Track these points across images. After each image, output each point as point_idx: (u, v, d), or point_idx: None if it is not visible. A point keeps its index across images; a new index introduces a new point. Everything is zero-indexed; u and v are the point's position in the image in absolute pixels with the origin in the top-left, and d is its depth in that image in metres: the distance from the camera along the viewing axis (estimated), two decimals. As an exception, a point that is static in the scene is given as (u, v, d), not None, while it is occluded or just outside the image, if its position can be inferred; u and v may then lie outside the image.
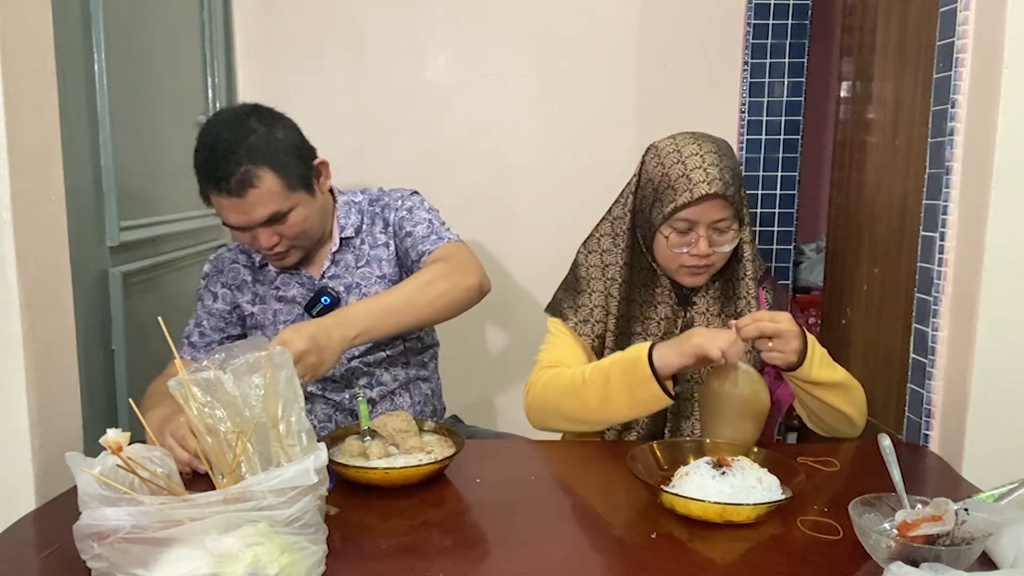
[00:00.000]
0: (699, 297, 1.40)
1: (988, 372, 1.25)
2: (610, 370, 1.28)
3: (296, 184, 1.39)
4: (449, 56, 2.32)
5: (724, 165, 1.29)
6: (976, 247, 1.24)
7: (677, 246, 1.32)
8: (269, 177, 1.34)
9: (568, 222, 2.31)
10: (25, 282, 1.10)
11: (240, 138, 1.34)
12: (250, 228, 1.38)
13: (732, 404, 1.23)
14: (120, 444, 0.86)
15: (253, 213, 1.36)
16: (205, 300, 1.55)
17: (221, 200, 1.36)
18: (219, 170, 1.33)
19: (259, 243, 1.40)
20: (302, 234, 1.43)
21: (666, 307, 1.40)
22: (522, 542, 0.99)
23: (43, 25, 1.15)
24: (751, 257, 1.38)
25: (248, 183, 1.33)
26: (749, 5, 2.27)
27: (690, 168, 1.29)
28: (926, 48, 1.48)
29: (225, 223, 1.40)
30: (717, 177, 1.27)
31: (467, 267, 1.39)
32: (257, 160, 1.34)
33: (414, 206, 1.52)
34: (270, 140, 1.36)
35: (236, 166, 1.32)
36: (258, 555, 0.80)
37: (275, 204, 1.36)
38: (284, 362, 1.00)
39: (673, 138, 1.36)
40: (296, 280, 1.52)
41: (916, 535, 0.87)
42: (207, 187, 1.37)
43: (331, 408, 1.54)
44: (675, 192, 1.29)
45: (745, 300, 1.37)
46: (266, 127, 1.37)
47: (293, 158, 1.39)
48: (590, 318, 1.42)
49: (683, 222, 1.30)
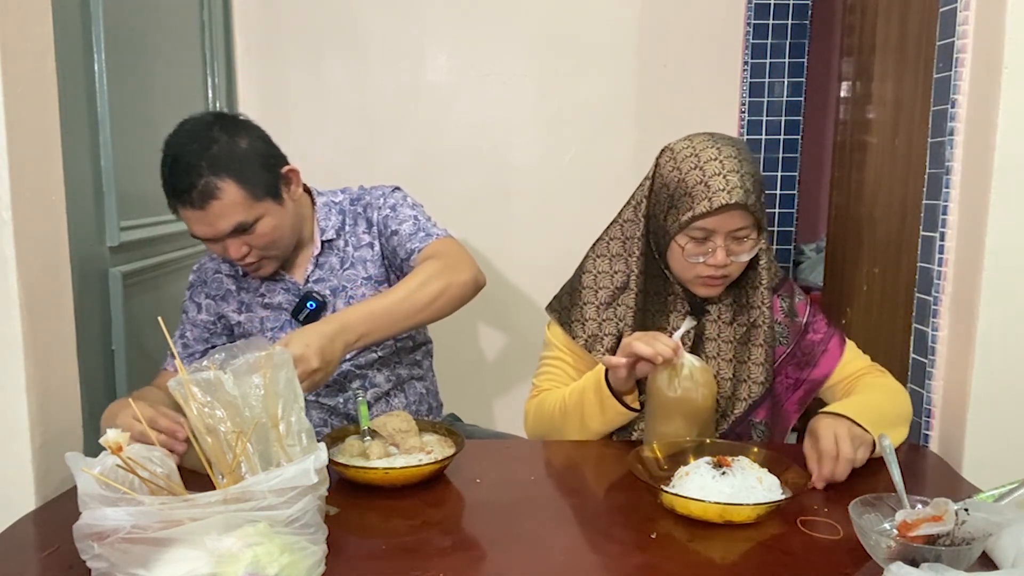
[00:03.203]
0: (712, 306, 1.35)
1: (988, 372, 1.25)
2: (583, 394, 1.31)
3: (261, 194, 1.36)
4: (449, 56, 2.32)
5: (745, 172, 1.22)
6: (976, 247, 1.24)
7: (693, 256, 1.26)
8: (231, 188, 1.32)
9: (568, 222, 2.32)
10: (25, 282, 1.10)
11: (202, 149, 1.32)
12: (218, 240, 1.37)
13: (664, 403, 1.22)
14: (120, 444, 0.86)
15: (217, 225, 1.34)
16: (189, 312, 1.54)
17: (186, 212, 1.34)
18: (181, 183, 1.32)
19: (229, 254, 1.39)
20: (272, 243, 1.41)
21: (679, 316, 1.35)
22: (522, 542, 0.99)
23: (43, 25, 1.15)
24: (767, 265, 1.32)
25: (210, 195, 1.31)
26: (749, 5, 2.27)
27: (709, 175, 1.22)
28: (926, 48, 1.48)
29: (193, 235, 1.38)
30: (738, 185, 1.20)
31: (460, 263, 1.38)
32: (219, 171, 1.31)
33: (397, 203, 1.50)
34: (233, 150, 1.34)
35: (197, 178, 1.30)
36: (258, 555, 0.80)
37: (239, 215, 1.34)
38: (284, 362, 1.00)
39: (690, 140, 1.29)
40: (280, 286, 1.50)
41: (916, 535, 0.87)
42: (172, 200, 1.35)
43: (326, 413, 1.53)
44: (693, 200, 1.23)
45: (759, 310, 1.32)
46: (228, 137, 1.35)
47: (257, 167, 1.36)
48: (599, 332, 1.37)
49: (700, 231, 1.24)
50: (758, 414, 1.34)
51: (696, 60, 2.29)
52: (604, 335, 1.37)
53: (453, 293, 1.34)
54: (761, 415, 1.34)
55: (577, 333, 1.38)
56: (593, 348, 1.37)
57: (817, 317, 1.40)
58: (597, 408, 1.28)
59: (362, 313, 1.26)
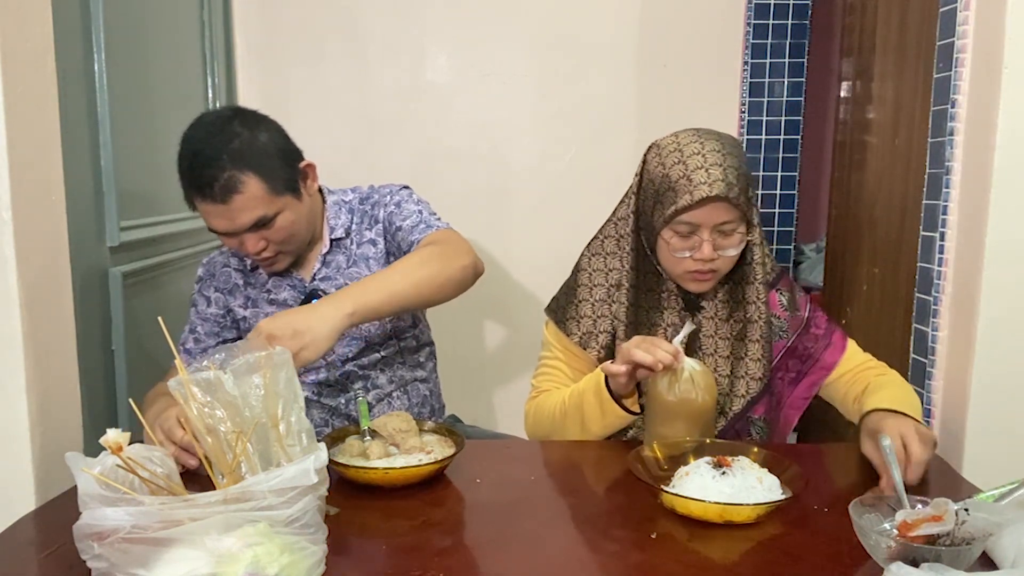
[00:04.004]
0: (707, 302, 1.35)
1: (988, 372, 1.25)
2: (583, 396, 1.30)
3: (281, 188, 1.37)
4: (449, 56, 2.32)
5: (728, 165, 1.23)
6: (976, 247, 1.24)
7: (679, 250, 1.26)
8: (253, 182, 1.33)
9: (568, 222, 2.32)
10: (25, 282, 1.10)
11: (223, 143, 1.32)
12: (236, 234, 1.37)
13: (665, 407, 1.22)
14: (120, 444, 0.86)
15: (238, 219, 1.34)
16: (199, 305, 1.54)
17: (206, 207, 1.34)
18: (202, 176, 1.31)
19: (246, 248, 1.39)
20: (289, 238, 1.41)
21: (673, 313, 1.36)
22: (522, 542, 0.99)
23: (43, 25, 1.15)
24: (761, 260, 1.31)
25: (232, 189, 1.31)
26: (749, 5, 2.27)
27: (691, 168, 1.23)
28: (926, 48, 1.48)
29: (211, 229, 1.39)
30: (720, 178, 1.21)
31: (459, 248, 1.37)
32: (241, 165, 1.32)
33: (402, 200, 1.50)
34: (253, 144, 1.34)
35: (220, 172, 1.30)
36: (258, 555, 0.80)
37: (260, 209, 1.34)
38: (284, 362, 1.00)
39: (675, 135, 1.31)
40: (287, 283, 1.51)
41: (916, 535, 0.87)
42: (192, 193, 1.35)
43: (327, 413, 1.53)
44: (675, 194, 1.23)
45: (755, 305, 1.32)
46: (249, 131, 1.35)
47: (278, 162, 1.37)
48: (594, 329, 1.38)
49: (685, 225, 1.25)
50: (756, 410, 1.34)
51: (696, 60, 2.29)
52: (599, 332, 1.37)
53: (452, 276, 1.32)
54: (760, 411, 1.34)
55: (572, 331, 1.39)
56: (588, 345, 1.37)
57: (817, 313, 1.40)
58: (597, 411, 1.28)
59: (359, 286, 1.24)
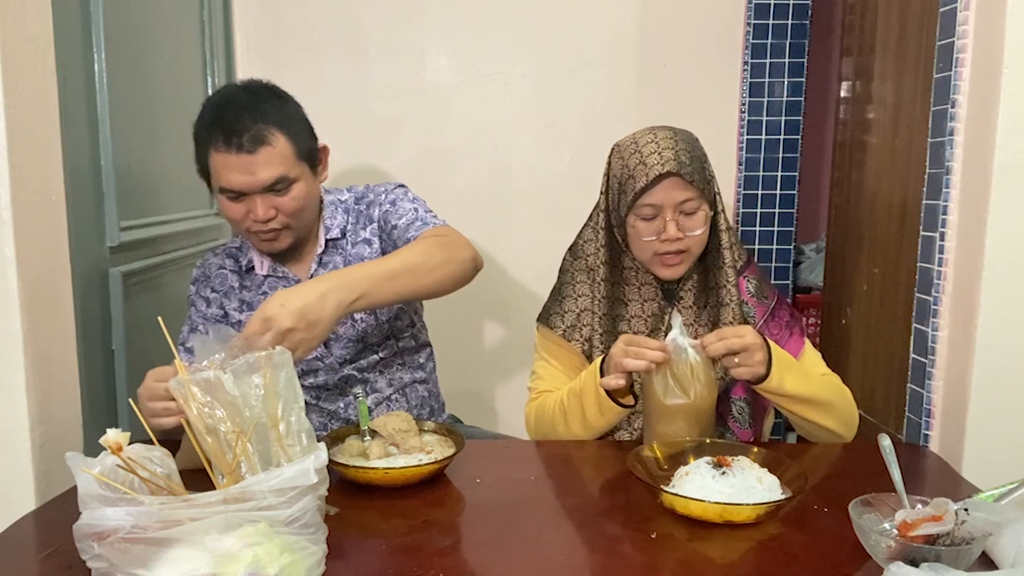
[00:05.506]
0: (684, 291, 1.40)
1: (988, 372, 1.25)
2: (581, 397, 1.32)
3: (303, 155, 1.39)
4: (449, 56, 2.32)
5: (680, 147, 1.30)
6: (976, 247, 1.24)
7: (647, 234, 1.32)
8: (282, 140, 1.34)
9: (567, 222, 2.30)
10: (25, 282, 1.10)
11: (256, 100, 1.35)
12: (250, 193, 1.34)
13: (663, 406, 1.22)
14: (120, 444, 0.86)
15: (260, 173, 1.32)
16: (199, 305, 1.52)
17: (227, 158, 1.31)
18: (234, 123, 1.31)
19: (256, 214, 1.35)
20: (298, 212, 1.39)
21: (652, 304, 1.41)
22: (522, 542, 0.99)
23: (43, 25, 1.15)
24: (728, 245, 1.37)
25: (261, 140, 1.32)
26: (749, 5, 2.27)
27: (645, 154, 1.31)
28: (926, 48, 1.48)
29: (223, 187, 1.34)
30: (671, 157, 1.29)
31: (459, 242, 1.37)
32: (271, 121, 1.34)
33: (397, 198, 1.50)
34: (283, 108, 1.38)
35: (251, 122, 1.31)
36: (258, 555, 0.80)
37: (283, 168, 1.34)
38: (284, 362, 1.00)
39: (632, 134, 1.38)
40: (283, 284, 1.49)
41: (916, 535, 0.87)
42: (215, 142, 1.32)
43: (326, 417, 1.52)
44: (634, 180, 1.31)
45: (726, 289, 1.36)
46: (279, 98, 1.40)
47: (304, 130, 1.41)
48: (577, 322, 1.43)
49: (648, 208, 1.31)
50: (737, 391, 1.38)
51: (696, 60, 2.29)
52: (582, 325, 1.43)
53: (453, 267, 1.32)
54: (740, 392, 1.37)
55: (556, 324, 1.45)
56: (572, 338, 1.43)
57: (783, 308, 1.43)
58: (596, 411, 1.31)
59: (363, 273, 1.22)
